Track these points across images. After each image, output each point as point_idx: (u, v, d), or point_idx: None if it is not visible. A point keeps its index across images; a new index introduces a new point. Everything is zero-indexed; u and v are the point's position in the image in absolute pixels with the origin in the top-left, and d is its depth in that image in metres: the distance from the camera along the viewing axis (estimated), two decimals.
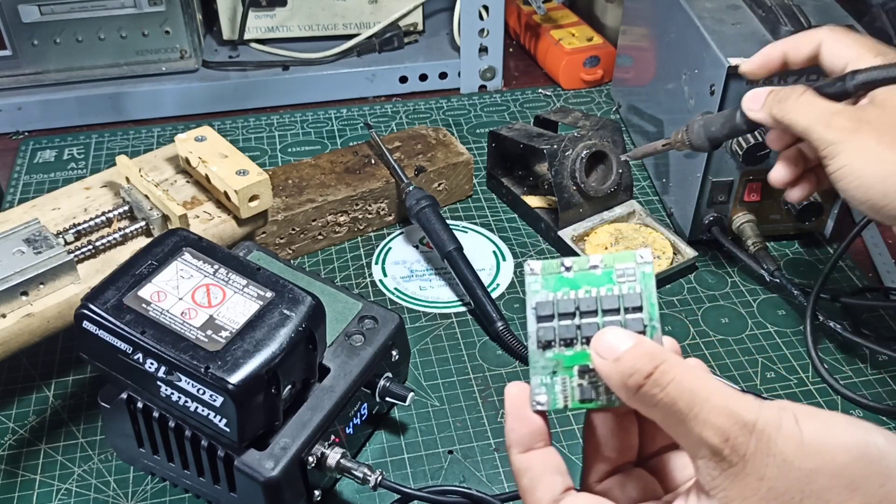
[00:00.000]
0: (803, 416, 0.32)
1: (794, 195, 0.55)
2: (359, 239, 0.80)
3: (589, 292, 0.37)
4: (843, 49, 0.51)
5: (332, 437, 0.54)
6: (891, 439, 0.32)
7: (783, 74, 0.52)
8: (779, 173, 0.54)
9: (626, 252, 0.37)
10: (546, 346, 0.36)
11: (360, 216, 0.79)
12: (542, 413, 0.37)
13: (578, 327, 0.36)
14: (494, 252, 0.78)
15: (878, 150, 0.46)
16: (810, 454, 0.32)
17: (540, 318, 0.37)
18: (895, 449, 0.32)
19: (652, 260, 0.37)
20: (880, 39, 0.70)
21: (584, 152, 0.75)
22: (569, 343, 0.36)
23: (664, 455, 0.39)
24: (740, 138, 0.69)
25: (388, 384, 0.58)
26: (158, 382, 0.49)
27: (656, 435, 0.39)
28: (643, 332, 0.36)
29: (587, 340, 0.36)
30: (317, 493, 0.54)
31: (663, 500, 0.37)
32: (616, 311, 0.36)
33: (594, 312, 0.36)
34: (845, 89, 0.48)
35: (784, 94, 0.50)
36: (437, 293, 0.74)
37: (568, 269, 0.37)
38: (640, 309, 0.36)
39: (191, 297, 0.51)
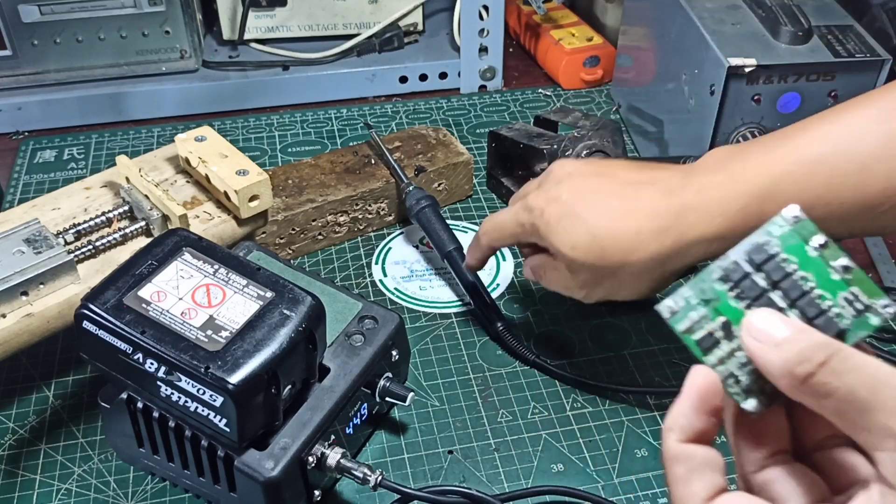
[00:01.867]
0: None
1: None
2: (359, 239, 0.80)
3: (807, 280, 0.33)
4: None
5: (332, 437, 0.54)
6: None
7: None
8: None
9: (878, 288, 0.33)
10: (723, 279, 0.34)
11: (360, 216, 0.79)
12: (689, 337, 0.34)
13: (762, 294, 0.33)
14: None
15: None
16: None
17: (748, 258, 0.34)
18: None
19: (888, 318, 0.33)
20: (880, 39, 0.71)
21: (584, 152, 0.75)
22: (741, 297, 0.34)
23: (832, 451, 0.35)
24: (739, 138, 0.69)
25: (388, 384, 0.58)
26: (158, 382, 0.49)
27: (815, 425, 0.36)
28: None
29: None
30: (317, 493, 0.54)
31: (836, 500, 0.34)
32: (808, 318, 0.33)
33: (790, 299, 0.33)
34: None
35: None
36: (437, 293, 0.74)
37: (817, 247, 0.33)
38: (837, 336, 0.33)
39: (191, 297, 0.51)
